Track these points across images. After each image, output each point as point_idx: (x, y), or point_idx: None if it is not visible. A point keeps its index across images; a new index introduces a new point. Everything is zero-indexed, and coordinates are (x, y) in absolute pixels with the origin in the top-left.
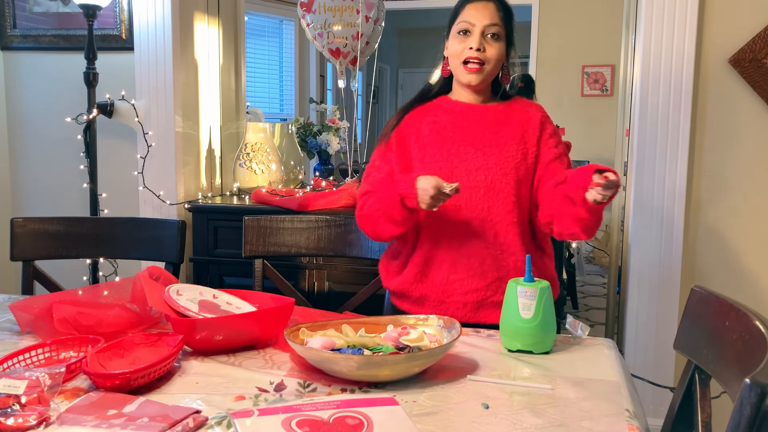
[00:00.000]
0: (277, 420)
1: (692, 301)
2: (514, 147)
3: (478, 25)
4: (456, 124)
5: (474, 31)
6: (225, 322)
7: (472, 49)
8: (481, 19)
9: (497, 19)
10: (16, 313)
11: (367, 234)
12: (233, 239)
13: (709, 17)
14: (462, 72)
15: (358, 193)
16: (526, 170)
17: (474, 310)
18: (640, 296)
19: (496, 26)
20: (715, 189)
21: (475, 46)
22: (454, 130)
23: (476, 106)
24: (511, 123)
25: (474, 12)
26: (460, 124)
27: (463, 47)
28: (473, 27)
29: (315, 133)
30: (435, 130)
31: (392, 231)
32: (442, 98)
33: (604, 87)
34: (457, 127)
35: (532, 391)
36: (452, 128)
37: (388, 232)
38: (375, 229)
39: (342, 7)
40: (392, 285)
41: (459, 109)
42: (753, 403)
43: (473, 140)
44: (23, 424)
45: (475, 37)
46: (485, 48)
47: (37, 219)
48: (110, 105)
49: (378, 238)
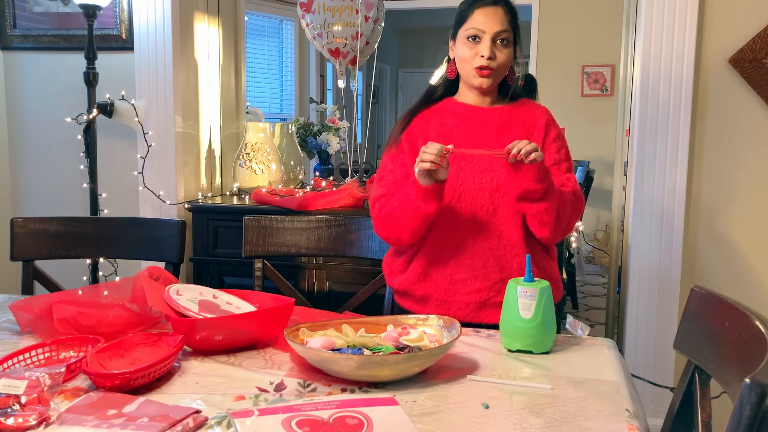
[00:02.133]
0: (277, 420)
1: (692, 301)
2: None
3: (488, 32)
4: (462, 126)
5: (484, 38)
6: (225, 322)
7: (483, 57)
8: (491, 25)
9: (506, 25)
10: (16, 313)
11: (387, 237)
12: (233, 239)
13: (709, 17)
14: (473, 76)
15: (372, 196)
16: None
17: (477, 310)
18: (640, 296)
19: (505, 32)
20: (715, 189)
21: (486, 55)
22: (461, 133)
23: (483, 109)
24: (517, 125)
25: (484, 18)
26: (466, 126)
27: (474, 54)
28: (483, 34)
29: (315, 133)
30: (442, 132)
31: (413, 225)
32: (447, 100)
33: (604, 87)
34: (463, 129)
35: (532, 391)
36: (458, 131)
37: (409, 228)
38: (397, 227)
39: (342, 7)
40: (395, 283)
41: (465, 111)
42: (753, 403)
43: (479, 142)
44: (23, 424)
45: (486, 44)
46: (495, 54)
47: (37, 219)
48: (110, 105)
49: (398, 238)
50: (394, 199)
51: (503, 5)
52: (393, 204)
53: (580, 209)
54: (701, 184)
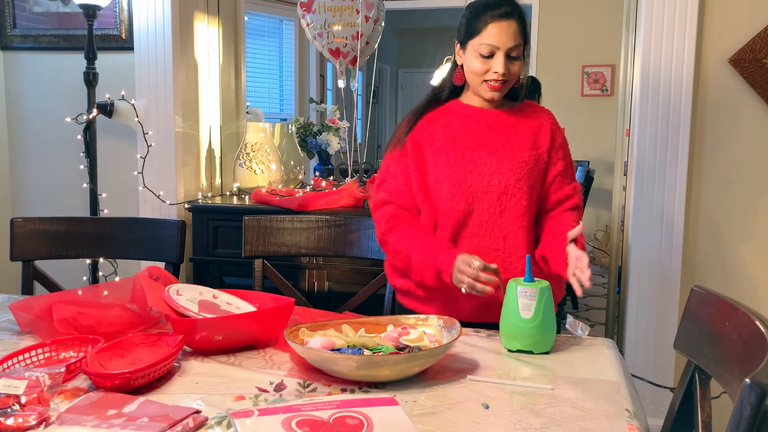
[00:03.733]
0: (277, 420)
1: (692, 301)
2: (527, 153)
3: (502, 49)
4: (469, 129)
5: (498, 54)
6: (225, 322)
7: (497, 73)
8: (505, 41)
9: (519, 39)
10: (16, 313)
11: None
12: (233, 239)
13: (709, 17)
14: (484, 90)
15: (374, 200)
16: (537, 176)
17: (480, 311)
18: (640, 296)
19: (519, 46)
20: (715, 189)
21: (501, 71)
22: (467, 135)
23: (489, 111)
24: (524, 128)
25: (498, 33)
26: (473, 129)
27: (486, 68)
28: (497, 50)
29: (315, 133)
30: (448, 134)
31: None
32: (453, 102)
33: (604, 87)
34: (470, 132)
35: (532, 391)
36: (465, 133)
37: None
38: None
39: (342, 7)
40: (398, 283)
41: (471, 113)
42: (753, 403)
43: (486, 145)
44: (23, 424)
45: (500, 61)
46: (508, 68)
47: (37, 219)
48: (110, 105)
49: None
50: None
51: (516, 17)
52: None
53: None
54: (701, 184)
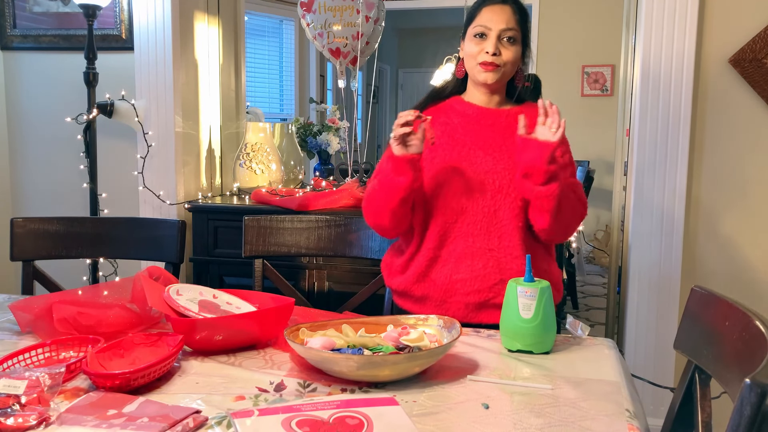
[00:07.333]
0: (277, 420)
1: (692, 301)
2: None
3: (494, 30)
4: (468, 127)
5: (490, 35)
6: (225, 322)
7: (488, 53)
8: (497, 23)
9: (513, 23)
10: (16, 313)
11: (371, 221)
12: (233, 239)
13: (709, 17)
14: (478, 71)
15: (367, 189)
16: None
17: (475, 311)
18: (640, 296)
19: (512, 30)
20: (716, 189)
21: (491, 51)
22: (466, 133)
23: (489, 110)
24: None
25: (491, 15)
26: (472, 127)
27: (479, 50)
28: (489, 31)
29: (315, 133)
30: (447, 132)
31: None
32: (455, 99)
33: (604, 87)
34: (468, 130)
35: (532, 391)
36: (464, 131)
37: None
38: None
39: (342, 7)
40: (394, 284)
41: (472, 112)
42: (753, 403)
43: (484, 144)
44: (23, 424)
45: (492, 41)
46: (501, 52)
47: (37, 219)
48: (110, 105)
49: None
50: (375, 181)
51: (511, 4)
52: (373, 185)
53: (582, 213)
54: (701, 184)
